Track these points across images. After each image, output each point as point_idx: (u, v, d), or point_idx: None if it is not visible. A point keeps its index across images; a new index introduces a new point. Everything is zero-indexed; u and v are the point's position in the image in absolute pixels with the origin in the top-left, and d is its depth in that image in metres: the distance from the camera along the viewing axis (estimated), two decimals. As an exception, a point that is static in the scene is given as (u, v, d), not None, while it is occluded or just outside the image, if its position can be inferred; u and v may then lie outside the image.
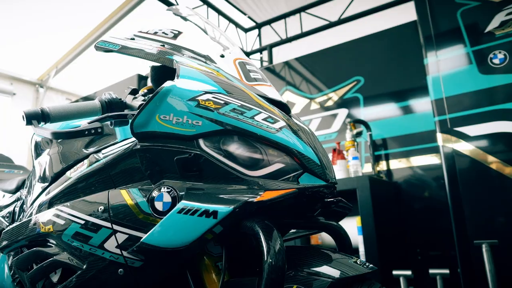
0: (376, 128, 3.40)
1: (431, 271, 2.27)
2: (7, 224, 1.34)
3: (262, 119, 0.78)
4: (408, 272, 2.29)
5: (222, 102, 0.78)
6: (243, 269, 0.90)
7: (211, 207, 0.66)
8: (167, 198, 0.76)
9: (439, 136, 2.28)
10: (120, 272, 0.79)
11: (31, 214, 1.03)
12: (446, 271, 2.22)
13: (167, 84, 0.78)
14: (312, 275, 0.77)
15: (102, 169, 0.86)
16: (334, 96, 3.77)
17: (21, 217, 1.26)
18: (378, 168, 3.32)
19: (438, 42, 2.38)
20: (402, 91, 3.31)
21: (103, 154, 0.97)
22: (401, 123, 3.27)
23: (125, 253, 0.78)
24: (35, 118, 0.77)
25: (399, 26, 3.45)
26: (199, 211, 0.66)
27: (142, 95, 0.95)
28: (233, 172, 0.75)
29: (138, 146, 0.79)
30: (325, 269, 0.78)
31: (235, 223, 0.74)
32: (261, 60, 5.78)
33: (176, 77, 0.81)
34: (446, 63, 2.32)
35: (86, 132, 0.77)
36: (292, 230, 1.12)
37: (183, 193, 0.73)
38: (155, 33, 1.00)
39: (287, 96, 4.17)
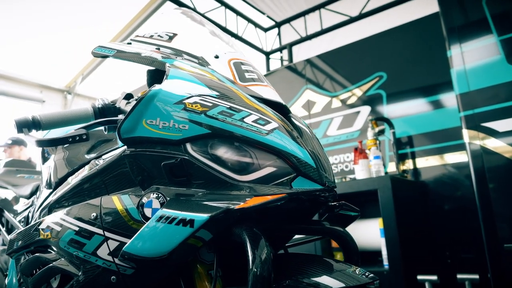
0: (400, 126, 3.27)
1: (459, 276, 2.14)
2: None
3: (252, 121, 0.74)
4: (434, 277, 2.17)
5: (210, 104, 0.75)
6: (241, 276, 0.87)
7: (189, 215, 0.63)
8: (156, 205, 0.74)
9: (465, 132, 2.14)
10: (113, 280, 0.78)
11: (36, 220, 1.04)
12: (476, 276, 2.09)
13: (154, 88, 0.77)
14: (309, 285, 0.73)
15: (95, 175, 0.86)
16: (356, 94, 3.66)
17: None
18: (403, 167, 3.18)
19: (462, 33, 2.24)
20: (427, 86, 3.17)
21: (103, 159, 0.96)
22: (427, 119, 3.13)
23: (117, 261, 0.77)
24: (25, 126, 0.77)
25: (421, 19, 3.30)
26: (176, 220, 0.63)
27: (135, 100, 0.94)
28: (221, 177, 0.72)
29: (128, 152, 0.78)
30: (323, 279, 0.74)
31: (224, 230, 0.71)
32: (281, 59, 5.72)
33: (164, 81, 0.79)
34: (471, 55, 2.18)
35: (70, 139, 0.76)
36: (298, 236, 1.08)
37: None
38: (151, 37, 0.99)
39: (308, 95, 4.10)
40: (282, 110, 0.88)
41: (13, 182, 1.62)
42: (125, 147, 0.80)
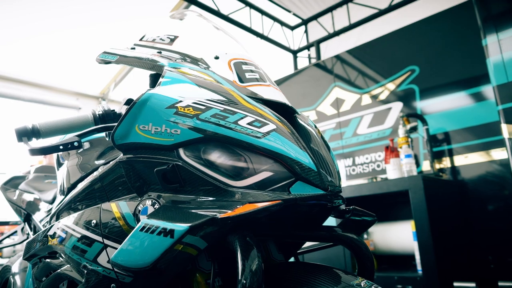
0: (435, 122, 3.08)
1: (501, 283, 1.97)
2: None
3: (247, 124, 0.70)
4: (472, 284, 2.01)
5: (203, 107, 0.72)
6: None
7: (169, 225, 0.60)
8: (151, 211, 0.72)
9: (504, 127, 1.97)
10: (112, 287, 0.77)
11: (47, 226, 1.07)
12: (520, 284, 1.91)
13: (147, 92, 0.75)
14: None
15: (96, 182, 0.86)
16: (387, 89, 3.50)
17: None
18: (440, 166, 3.00)
19: (498, 20, 2.06)
20: (461, 79, 2.96)
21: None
22: (463, 114, 2.92)
23: (116, 268, 0.76)
24: (25, 134, 0.78)
25: (453, 8, 3.10)
26: (158, 230, 0.60)
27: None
28: (215, 182, 0.69)
29: (124, 159, 0.77)
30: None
31: (223, 237, 0.68)
32: (309, 57, 5.62)
33: (158, 85, 0.77)
34: (509, 43, 2.00)
35: (62, 147, 0.76)
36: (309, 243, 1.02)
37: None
38: (153, 40, 0.98)
39: (336, 93, 3.98)
40: (286, 110, 0.83)
41: (40, 188, 1.68)
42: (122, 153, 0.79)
